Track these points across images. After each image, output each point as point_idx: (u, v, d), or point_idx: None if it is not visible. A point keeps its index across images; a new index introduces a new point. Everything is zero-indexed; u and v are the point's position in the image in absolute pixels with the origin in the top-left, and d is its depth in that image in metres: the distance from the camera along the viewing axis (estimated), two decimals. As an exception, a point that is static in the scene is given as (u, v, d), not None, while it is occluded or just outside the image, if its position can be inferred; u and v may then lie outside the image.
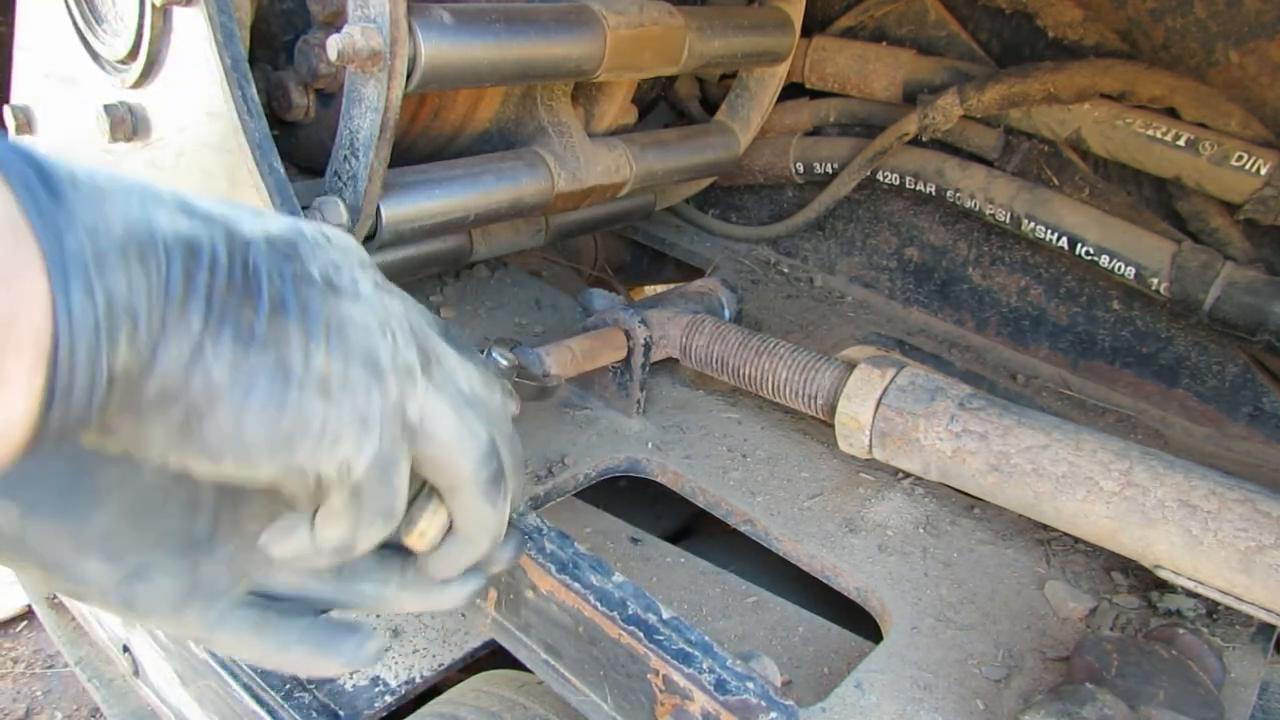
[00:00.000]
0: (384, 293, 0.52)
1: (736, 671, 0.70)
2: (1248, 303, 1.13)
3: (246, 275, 0.45)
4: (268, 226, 0.48)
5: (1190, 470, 0.85)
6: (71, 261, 0.38)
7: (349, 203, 0.98)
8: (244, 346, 0.44)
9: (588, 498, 1.24)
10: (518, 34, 1.03)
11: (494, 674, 1.14)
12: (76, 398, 0.39)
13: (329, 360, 0.47)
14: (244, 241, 0.46)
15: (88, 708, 2.24)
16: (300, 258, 0.48)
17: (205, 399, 0.43)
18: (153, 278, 0.41)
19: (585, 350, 1.09)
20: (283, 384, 0.45)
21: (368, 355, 0.49)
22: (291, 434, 0.46)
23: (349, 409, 0.48)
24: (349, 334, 0.48)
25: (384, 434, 0.50)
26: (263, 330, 0.44)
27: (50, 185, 0.39)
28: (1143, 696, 0.71)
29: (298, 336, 0.46)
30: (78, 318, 0.38)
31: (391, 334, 0.51)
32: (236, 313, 0.44)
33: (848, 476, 1.10)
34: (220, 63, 0.90)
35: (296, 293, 0.46)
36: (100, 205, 0.40)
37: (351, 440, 0.48)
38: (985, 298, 1.47)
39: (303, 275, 0.47)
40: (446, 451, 0.53)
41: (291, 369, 0.45)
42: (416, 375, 0.52)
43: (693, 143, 1.45)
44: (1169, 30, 1.09)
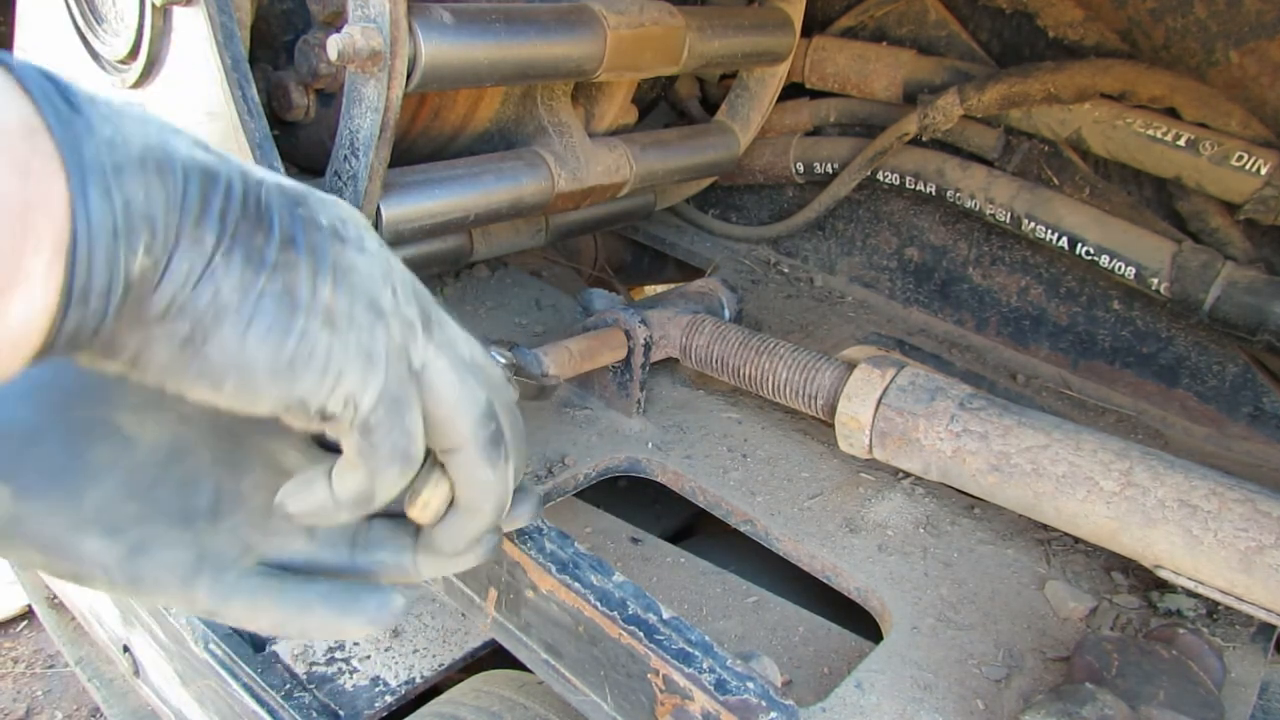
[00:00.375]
0: (389, 252, 0.53)
1: (737, 671, 0.70)
2: (1248, 303, 1.13)
3: (259, 208, 0.45)
4: (279, 179, 0.49)
5: (1190, 470, 0.85)
6: (90, 165, 0.39)
7: (349, 202, 0.98)
8: (254, 269, 0.44)
9: (588, 498, 1.24)
10: (518, 34, 1.03)
11: (494, 674, 1.14)
12: (94, 300, 0.40)
13: (335, 295, 0.47)
14: (257, 180, 0.47)
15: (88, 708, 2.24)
16: (309, 206, 0.49)
17: (212, 315, 0.44)
18: (170, 191, 0.42)
19: (583, 351, 1.09)
20: (289, 309, 0.45)
21: (371, 298, 0.49)
22: (294, 360, 0.46)
23: (354, 343, 0.48)
24: (354, 278, 0.48)
25: (390, 372, 0.50)
26: (272, 257, 0.45)
27: (69, 98, 0.39)
28: (1143, 696, 0.71)
29: (306, 269, 0.46)
30: (96, 219, 0.39)
31: (393, 287, 0.51)
32: (248, 238, 0.44)
33: (848, 476, 1.10)
34: (220, 63, 0.90)
35: (305, 233, 0.47)
36: (119, 123, 0.41)
37: (357, 374, 0.48)
38: (985, 298, 1.47)
39: (311, 220, 0.48)
40: (446, 409, 0.53)
41: (298, 297, 0.46)
42: (418, 329, 0.52)
43: (693, 143, 1.45)
44: (1169, 30, 1.09)
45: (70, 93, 0.40)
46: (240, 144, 0.91)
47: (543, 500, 0.66)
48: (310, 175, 1.13)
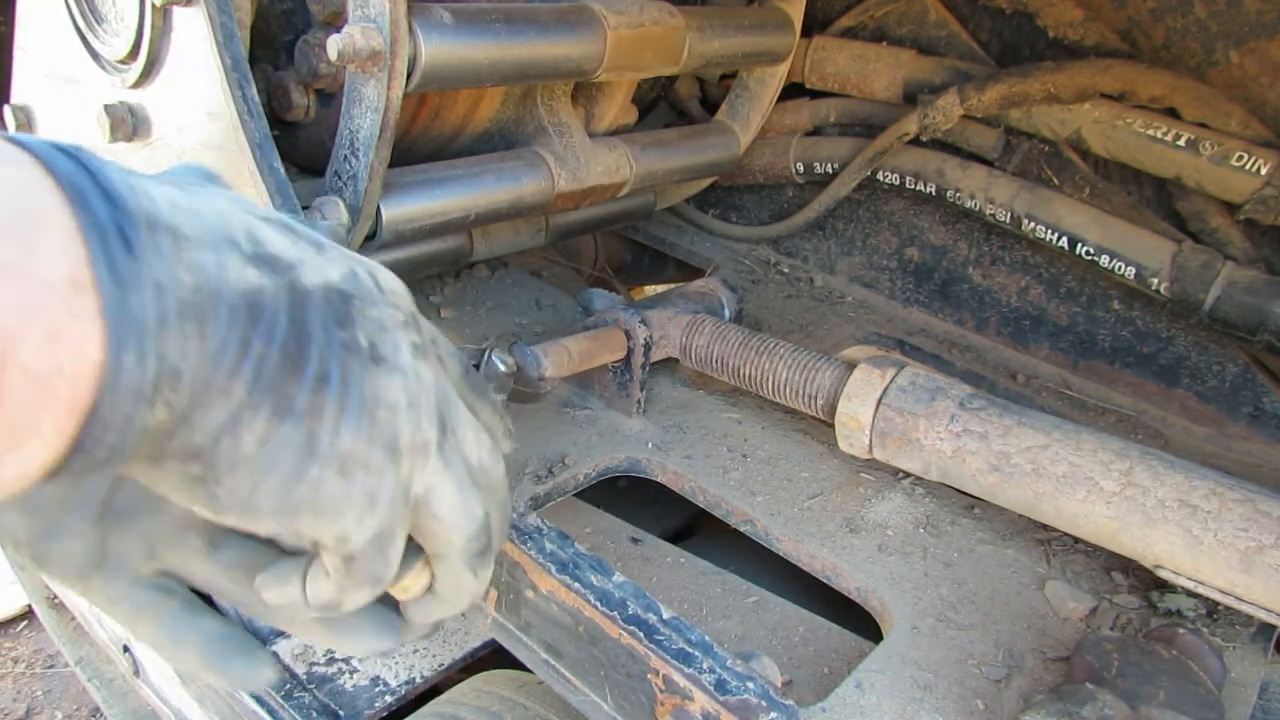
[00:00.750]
0: (420, 359, 0.53)
1: (737, 671, 0.70)
2: (1248, 302, 1.13)
3: (299, 341, 0.45)
4: (328, 274, 0.48)
5: (1190, 470, 0.85)
6: (130, 325, 0.37)
7: (349, 202, 0.98)
8: (279, 420, 0.44)
9: (588, 498, 1.24)
10: (518, 34, 1.03)
11: (494, 674, 1.14)
12: (100, 453, 0.39)
13: (355, 439, 0.47)
14: (304, 295, 0.46)
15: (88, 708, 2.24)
16: (352, 320, 0.48)
17: (228, 464, 0.44)
18: (208, 342, 0.41)
19: (582, 350, 1.09)
20: (306, 459, 0.46)
21: (391, 437, 0.49)
22: (300, 504, 0.47)
23: (360, 488, 0.48)
24: (379, 414, 0.49)
25: (387, 514, 0.51)
26: (301, 406, 0.45)
27: (125, 234, 0.38)
28: (1143, 696, 0.71)
29: (332, 412, 0.46)
30: (124, 384, 0.38)
31: (418, 411, 0.51)
32: (281, 384, 0.44)
33: (848, 476, 1.10)
34: (220, 63, 0.90)
35: (341, 364, 0.47)
36: (176, 255, 0.40)
37: (355, 516, 0.49)
38: (985, 298, 1.47)
39: (350, 344, 0.48)
40: (442, 527, 0.54)
41: (318, 445, 0.46)
42: (431, 453, 0.53)
43: (693, 143, 1.45)
44: (1169, 30, 1.09)
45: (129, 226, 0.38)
46: (240, 144, 0.91)
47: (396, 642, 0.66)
48: (310, 175, 1.13)
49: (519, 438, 1.10)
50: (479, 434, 0.59)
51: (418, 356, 0.53)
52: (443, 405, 0.55)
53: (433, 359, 0.55)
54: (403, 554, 0.58)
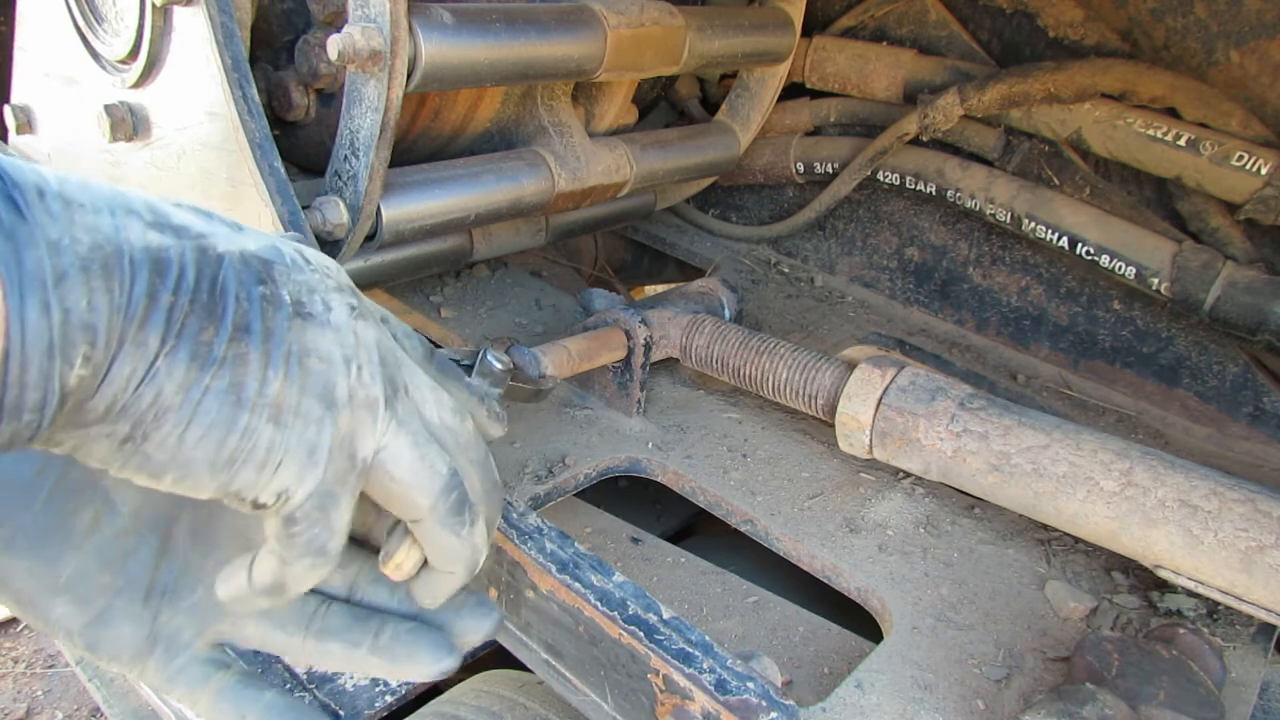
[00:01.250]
0: (359, 319, 0.51)
1: (737, 671, 0.70)
2: (1248, 302, 1.13)
3: (213, 294, 0.44)
4: (244, 244, 0.47)
5: (1191, 470, 0.85)
6: (29, 279, 0.37)
7: (349, 203, 0.98)
8: (199, 367, 0.43)
9: (588, 497, 1.24)
10: (518, 34, 1.03)
11: (494, 673, 1.14)
12: (26, 414, 0.39)
13: (285, 388, 0.46)
14: (215, 258, 0.45)
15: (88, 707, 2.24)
16: (273, 279, 0.47)
17: (152, 416, 0.43)
18: (115, 294, 0.41)
19: (582, 351, 1.09)
20: (233, 406, 0.45)
21: (325, 387, 0.48)
22: (234, 456, 0.45)
23: (296, 438, 0.47)
24: (309, 364, 0.47)
25: (328, 467, 0.49)
26: (220, 351, 0.44)
27: (13, 198, 0.38)
28: (1143, 696, 0.71)
29: (257, 360, 0.45)
30: (31, 335, 0.37)
31: (357, 366, 0.50)
32: (196, 332, 0.43)
33: (848, 476, 1.10)
34: (221, 62, 0.90)
35: (263, 315, 0.46)
36: (68, 217, 0.40)
37: (294, 469, 0.47)
38: (986, 297, 1.47)
39: (272, 297, 0.46)
40: (403, 488, 0.53)
41: (245, 392, 0.45)
42: (378, 409, 0.51)
43: (693, 142, 1.45)
44: (1170, 30, 1.09)
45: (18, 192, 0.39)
46: (241, 144, 0.91)
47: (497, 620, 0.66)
48: (310, 175, 1.13)
49: (519, 437, 1.10)
50: (439, 394, 0.57)
51: (355, 317, 0.51)
52: (391, 365, 0.53)
53: (374, 323, 0.54)
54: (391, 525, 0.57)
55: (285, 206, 0.91)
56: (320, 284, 0.50)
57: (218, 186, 0.96)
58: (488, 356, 0.85)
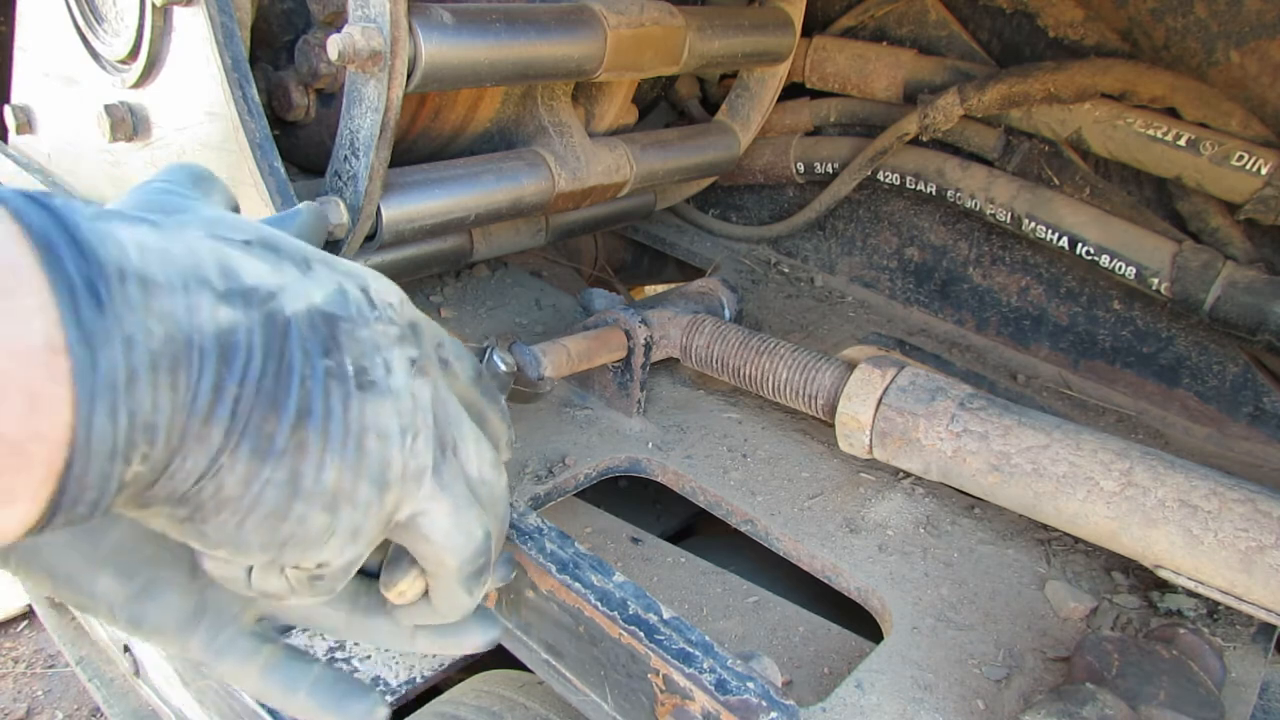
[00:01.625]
0: (418, 376, 0.52)
1: (737, 671, 0.70)
2: (1248, 302, 1.13)
3: (278, 378, 0.44)
4: (312, 296, 0.47)
5: (1191, 470, 0.85)
6: (101, 385, 0.37)
7: (349, 203, 0.98)
8: (260, 459, 0.44)
9: (588, 497, 1.24)
10: (518, 34, 1.03)
11: (494, 674, 1.14)
12: (81, 510, 0.39)
13: (341, 475, 0.47)
14: (284, 325, 0.45)
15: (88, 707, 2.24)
16: (338, 344, 0.47)
17: (213, 506, 0.44)
18: (181, 392, 0.40)
19: (581, 350, 1.09)
20: (290, 495, 0.45)
21: (380, 469, 0.49)
22: (287, 540, 0.47)
23: (345, 523, 0.48)
24: (367, 444, 0.48)
25: (368, 544, 0.51)
26: (283, 442, 0.44)
27: (95, 289, 0.37)
28: (1143, 696, 0.71)
29: (316, 446, 0.45)
30: (96, 443, 0.37)
31: (412, 436, 0.50)
32: (260, 424, 0.43)
33: (848, 476, 1.10)
34: (221, 62, 0.90)
35: (325, 395, 0.46)
36: (145, 304, 0.39)
37: (337, 547, 0.49)
38: (986, 297, 1.47)
39: (336, 371, 0.47)
40: (435, 550, 0.54)
41: (302, 481, 0.45)
42: (425, 479, 0.52)
43: (693, 142, 1.45)
44: (1170, 30, 1.09)
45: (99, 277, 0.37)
46: (241, 144, 0.91)
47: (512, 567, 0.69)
48: (311, 175, 1.13)
49: (519, 437, 1.10)
50: (481, 446, 0.58)
51: (414, 374, 0.51)
52: (443, 423, 0.54)
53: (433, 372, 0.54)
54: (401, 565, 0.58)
55: (285, 206, 0.91)
56: (383, 339, 0.50)
57: (218, 186, 0.96)
58: (494, 357, 0.85)
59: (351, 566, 0.52)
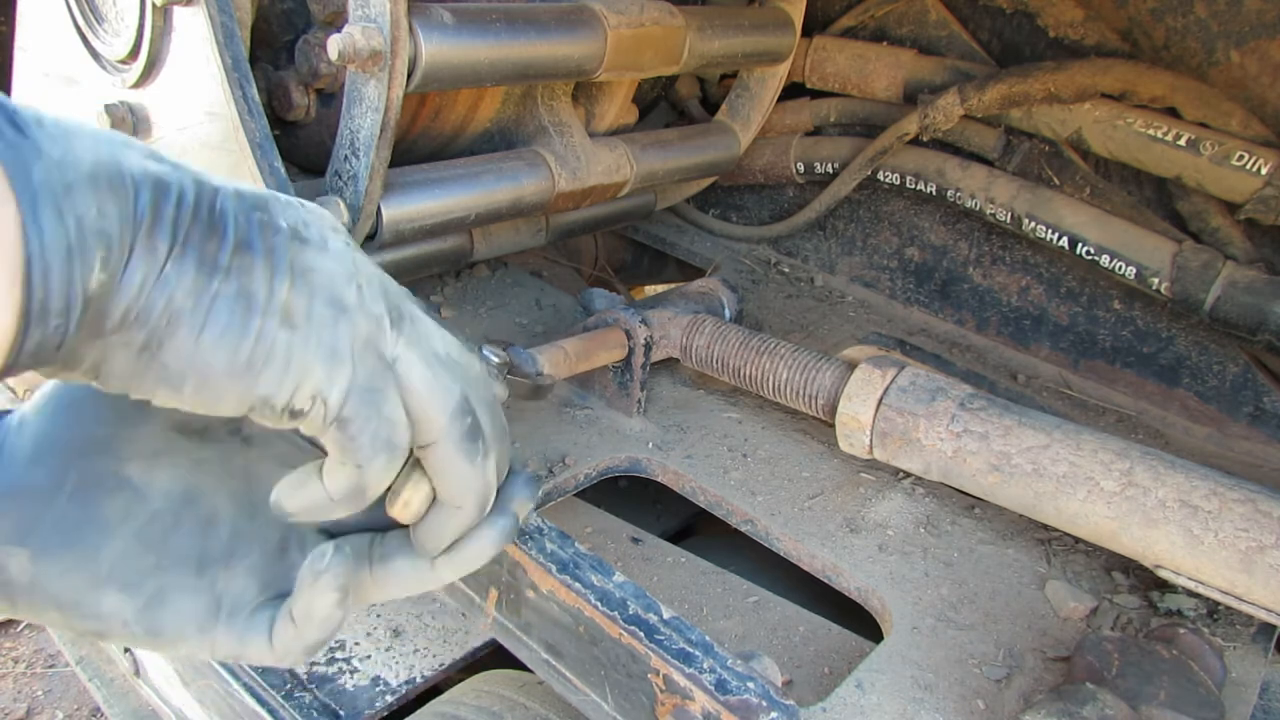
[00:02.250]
0: (355, 251, 0.52)
1: (737, 671, 0.70)
2: (1248, 302, 1.13)
3: (213, 215, 0.45)
4: (239, 185, 0.49)
5: (1191, 470, 0.85)
6: (39, 187, 0.39)
7: (349, 202, 0.98)
8: (207, 273, 0.44)
9: (588, 497, 1.24)
10: (518, 34, 1.03)
11: (495, 673, 1.14)
12: (53, 319, 0.40)
13: (293, 294, 0.47)
14: (212, 187, 0.46)
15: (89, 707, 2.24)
16: (269, 210, 0.48)
17: (166, 322, 0.44)
18: (123, 204, 0.42)
19: (579, 351, 1.09)
20: (244, 311, 0.45)
21: (334, 295, 0.49)
22: (253, 360, 0.46)
23: (315, 340, 0.47)
24: (313, 277, 0.48)
25: (358, 365, 0.49)
26: (226, 260, 0.45)
27: (16, 123, 0.40)
28: (1143, 696, 0.71)
29: (262, 270, 0.46)
30: (49, 240, 0.39)
31: (358, 284, 0.50)
32: (201, 243, 0.44)
33: (848, 476, 1.10)
34: (221, 62, 0.90)
35: (262, 236, 0.47)
36: (68, 142, 0.41)
37: (321, 370, 0.47)
38: (986, 297, 1.47)
39: (269, 223, 0.48)
40: (417, 402, 0.52)
41: (254, 298, 0.46)
42: (386, 324, 0.51)
43: (693, 142, 1.45)
44: (1170, 30, 1.09)
45: (16, 116, 0.40)
46: (241, 144, 0.91)
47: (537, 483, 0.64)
48: (311, 175, 1.13)
49: (519, 437, 1.10)
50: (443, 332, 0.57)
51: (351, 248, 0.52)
52: (394, 295, 0.53)
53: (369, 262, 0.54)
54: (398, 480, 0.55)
55: (285, 206, 0.90)
56: (315, 221, 0.51)
57: (218, 186, 0.96)
58: (483, 351, 0.84)
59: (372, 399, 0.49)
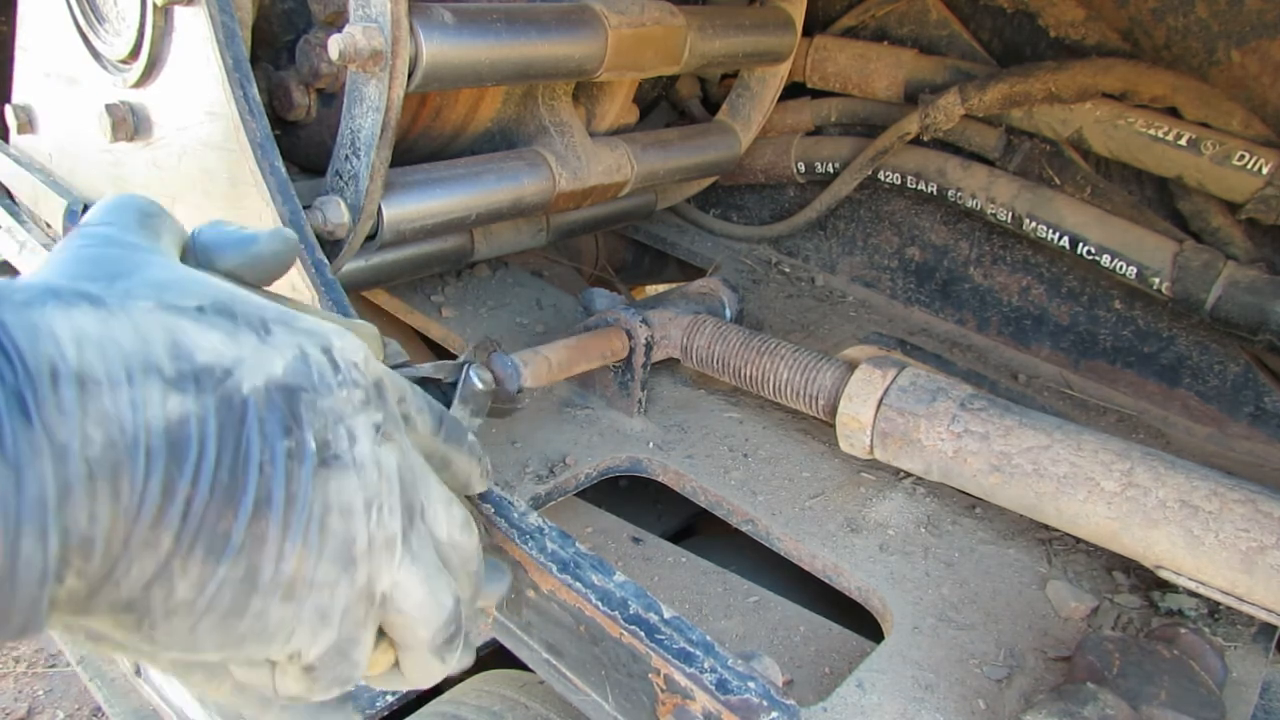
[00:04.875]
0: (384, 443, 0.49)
1: (738, 671, 0.70)
2: (1249, 302, 1.13)
3: (235, 465, 0.41)
4: (271, 367, 0.44)
5: (1192, 470, 0.85)
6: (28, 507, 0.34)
7: (350, 202, 0.98)
8: (215, 560, 0.41)
9: (589, 497, 1.24)
10: (519, 34, 1.03)
11: (495, 673, 1.14)
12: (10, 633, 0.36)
13: (302, 560, 0.44)
14: (240, 407, 0.42)
15: (89, 707, 2.24)
16: (298, 419, 0.44)
17: (162, 611, 0.41)
18: (124, 499, 0.37)
19: (562, 360, 1.07)
20: (247, 592, 0.42)
21: (343, 547, 0.46)
22: (244, 637, 0.44)
23: (310, 607, 0.45)
24: (330, 523, 0.45)
25: (344, 624, 0.47)
26: (239, 539, 0.41)
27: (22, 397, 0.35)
28: (1144, 696, 0.71)
29: (275, 536, 0.43)
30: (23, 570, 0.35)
31: (378, 508, 0.48)
32: (215, 522, 0.40)
33: (849, 476, 1.10)
34: (222, 62, 0.90)
35: (286, 480, 0.43)
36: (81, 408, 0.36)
37: (307, 634, 0.46)
38: (987, 297, 1.47)
39: (297, 451, 0.43)
40: (407, 621, 0.51)
41: (260, 576, 0.43)
42: (396, 547, 0.49)
43: (694, 142, 1.45)
44: (1171, 29, 1.09)
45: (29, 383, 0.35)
46: (242, 144, 0.91)
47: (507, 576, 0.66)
48: (312, 175, 1.13)
49: (520, 437, 1.10)
50: (450, 507, 0.55)
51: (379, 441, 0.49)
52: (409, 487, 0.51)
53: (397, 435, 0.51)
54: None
55: (286, 206, 0.91)
56: (346, 406, 0.47)
57: (219, 186, 0.96)
58: (471, 376, 0.83)
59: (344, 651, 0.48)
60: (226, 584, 0.42)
